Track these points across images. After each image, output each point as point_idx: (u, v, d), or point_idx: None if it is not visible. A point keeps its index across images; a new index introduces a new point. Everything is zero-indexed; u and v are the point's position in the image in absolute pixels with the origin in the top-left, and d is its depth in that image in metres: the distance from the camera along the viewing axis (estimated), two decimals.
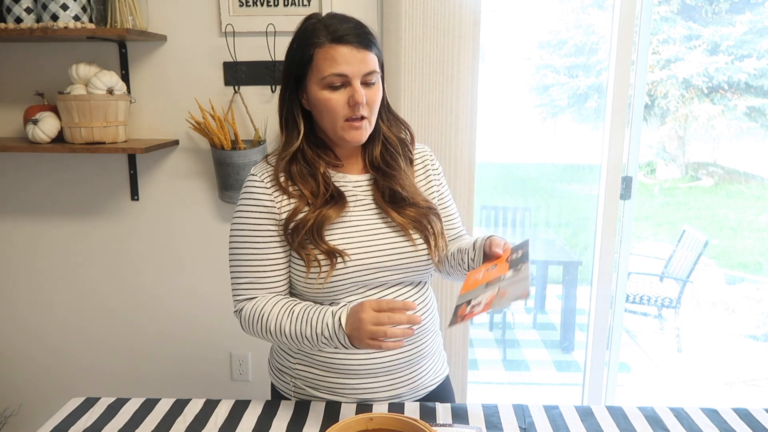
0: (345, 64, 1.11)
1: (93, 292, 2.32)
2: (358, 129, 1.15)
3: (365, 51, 1.12)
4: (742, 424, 1.18)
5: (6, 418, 2.41)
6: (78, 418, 1.19)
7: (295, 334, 1.12)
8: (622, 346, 2.52)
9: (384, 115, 1.24)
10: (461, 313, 1.06)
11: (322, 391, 1.25)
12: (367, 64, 1.12)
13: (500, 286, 1.03)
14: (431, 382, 1.31)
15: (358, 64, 1.11)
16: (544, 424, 1.16)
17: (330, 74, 1.11)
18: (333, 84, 1.12)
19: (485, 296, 1.04)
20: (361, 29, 1.14)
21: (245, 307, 1.19)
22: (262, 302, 1.17)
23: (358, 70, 1.11)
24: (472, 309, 1.04)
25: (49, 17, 1.88)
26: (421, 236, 1.21)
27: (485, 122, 2.11)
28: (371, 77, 1.14)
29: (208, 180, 2.20)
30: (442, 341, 1.40)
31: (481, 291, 1.07)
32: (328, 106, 1.13)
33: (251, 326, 1.18)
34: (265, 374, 1.39)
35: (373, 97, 1.15)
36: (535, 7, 3.49)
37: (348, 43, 1.11)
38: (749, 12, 4.34)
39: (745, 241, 4.89)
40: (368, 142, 1.23)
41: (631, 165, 2.25)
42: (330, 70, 1.11)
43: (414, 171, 1.29)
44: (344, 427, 1.01)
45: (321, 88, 1.13)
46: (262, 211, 1.18)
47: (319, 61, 1.12)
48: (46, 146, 1.99)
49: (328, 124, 1.16)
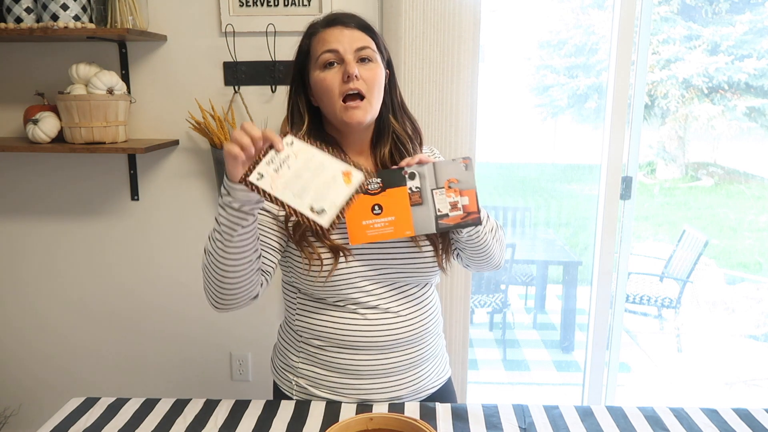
0: (336, 41, 1.14)
1: (93, 292, 2.32)
2: (356, 108, 1.14)
3: (357, 31, 1.15)
4: (742, 424, 1.18)
5: (6, 418, 2.41)
6: (78, 418, 1.19)
7: (209, 240, 1.09)
8: (622, 346, 2.52)
9: (398, 113, 1.24)
10: (460, 218, 1.06)
11: (324, 391, 1.25)
12: (360, 40, 1.15)
13: (433, 189, 1.05)
14: (433, 384, 1.31)
15: (349, 41, 1.14)
16: (544, 424, 1.16)
17: (322, 52, 1.14)
18: (326, 62, 1.14)
19: (444, 200, 1.05)
20: (355, 16, 1.18)
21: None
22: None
23: (350, 46, 1.13)
24: (461, 206, 1.05)
25: (49, 17, 1.88)
26: (427, 239, 1.20)
27: (485, 122, 2.11)
28: (364, 53, 1.14)
29: (208, 180, 2.20)
30: (445, 343, 1.39)
31: (426, 209, 1.05)
32: (323, 85, 1.14)
33: (204, 268, 1.12)
34: (265, 374, 1.39)
35: (371, 75, 1.14)
36: (535, 7, 3.49)
37: (339, 24, 1.16)
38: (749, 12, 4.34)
39: (745, 241, 4.88)
40: (378, 140, 1.23)
41: (631, 165, 2.25)
42: (322, 48, 1.14)
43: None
44: (344, 427, 1.01)
45: (318, 70, 1.15)
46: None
47: (314, 46, 1.17)
48: (46, 146, 1.99)
49: (329, 108, 1.16)
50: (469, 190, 1.05)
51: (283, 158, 1.01)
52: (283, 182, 1.00)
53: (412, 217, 1.05)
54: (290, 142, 1.02)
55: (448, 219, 1.06)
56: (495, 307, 3.55)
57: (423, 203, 1.05)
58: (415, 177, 1.05)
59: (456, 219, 1.06)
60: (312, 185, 1.01)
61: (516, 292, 4.10)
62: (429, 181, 1.05)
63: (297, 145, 1.02)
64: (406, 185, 1.05)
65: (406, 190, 1.05)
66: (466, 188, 1.05)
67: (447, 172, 1.05)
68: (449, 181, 1.05)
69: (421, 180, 1.05)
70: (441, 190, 1.05)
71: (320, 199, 1.00)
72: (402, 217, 1.05)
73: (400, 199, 1.05)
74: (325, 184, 1.01)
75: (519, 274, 3.85)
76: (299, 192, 1.00)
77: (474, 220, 1.06)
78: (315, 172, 1.01)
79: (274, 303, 2.26)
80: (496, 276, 3.57)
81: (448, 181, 1.05)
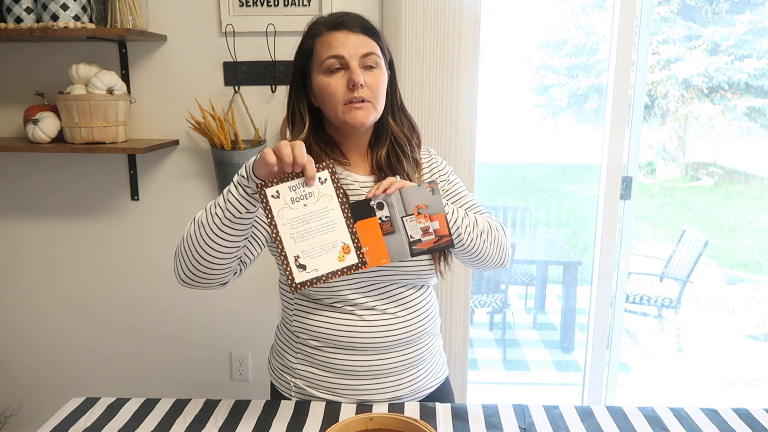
0: (341, 46, 1.12)
1: (93, 292, 2.32)
2: (359, 109, 1.13)
3: (362, 35, 1.14)
4: (742, 424, 1.18)
5: (6, 418, 2.41)
6: (78, 418, 1.19)
7: (205, 211, 1.07)
8: (622, 346, 2.52)
9: (397, 114, 1.23)
10: (433, 242, 1.06)
11: (322, 391, 1.25)
12: (365, 46, 1.13)
13: (402, 216, 1.05)
14: (431, 384, 1.31)
15: (354, 46, 1.12)
16: (544, 424, 1.16)
17: (327, 57, 1.13)
18: (331, 67, 1.13)
19: (414, 227, 1.05)
20: (361, 19, 1.16)
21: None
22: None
23: (355, 52, 1.12)
24: (432, 231, 1.05)
25: (49, 17, 1.88)
26: None
27: (485, 122, 2.11)
28: (370, 59, 1.14)
29: (208, 180, 2.20)
30: (442, 343, 1.39)
31: (399, 237, 1.06)
32: (327, 90, 1.13)
33: (177, 252, 1.12)
34: (265, 374, 1.39)
35: (375, 81, 1.14)
36: (535, 7, 3.49)
37: (344, 28, 1.14)
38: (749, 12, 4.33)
39: (745, 241, 4.88)
40: (375, 141, 1.23)
41: (631, 165, 2.25)
42: (327, 53, 1.13)
43: (422, 175, 1.27)
44: (344, 427, 1.01)
45: (321, 74, 1.14)
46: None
47: (318, 49, 1.15)
48: (46, 146, 1.99)
49: (331, 111, 1.16)
50: (438, 215, 1.06)
51: (306, 193, 1.01)
52: (291, 217, 1.00)
53: (386, 246, 1.06)
54: (323, 180, 1.02)
55: (422, 244, 1.06)
56: (495, 307, 3.55)
57: (395, 231, 1.06)
58: (383, 207, 1.05)
59: (429, 243, 1.06)
60: (312, 239, 1.01)
61: (516, 292, 4.10)
62: (398, 208, 1.05)
63: (326, 188, 1.02)
64: (376, 215, 1.05)
65: (376, 220, 1.05)
66: (435, 212, 1.06)
67: (414, 198, 1.05)
68: (418, 207, 1.05)
69: (389, 209, 1.05)
70: (411, 216, 1.06)
71: (309, 256, 1.01)
72: (376, 247, 1.06)
73: (372, 230, 1.05)
74: (323, 247, 1.02)
75: (519, 274, 3.85)
76: (297, 236, 1.01)
77: (447, 243, 1.07)
78: (322, 228, 1.02)
79: (274, 303, 2.26)
80: (496, 276, 3.57)
81: (417, 207, 1.05)
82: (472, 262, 1.24)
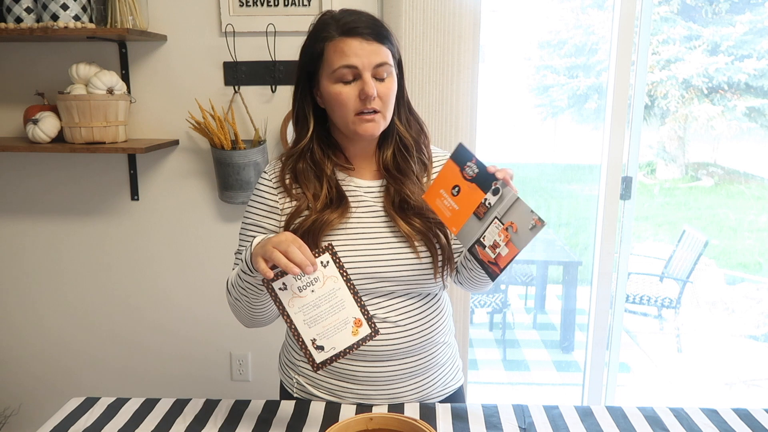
0: (354, 56, 1.08)
1: (93, 292, 2.32)
2: (370, 121, 1.12)
3: (376, 43, 1.10)
4: (742, 424, 1.18)
5: (6, 418, 2.41)
6: (78, 418, 1.19)
7: (233, 278, 1.13)
8: (622, 346, 2.52)
9: (402, 114, 1.21)
10: (487, 259, 1.04)
11: (323, 392, 1.25)
12: (378, 55, 1.10)
13: (498, 216, 1.03)
14: (440, 392, 1.28)
15: (368, 55, 1.09)
16: (544, 424, 1.16)
17: (339, 67, 1.09)
18: (343, 77, 1.10)
19: (493, 234, 1.03)
20: (373, 22, 1.12)
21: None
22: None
23: (369, 62, 1.09)
24: (497, 253, 1.03)
25: (49, 17, 1.88)
26: (427, 249, 1.18)
27: (485, 122, 2.11)
28: (383, 70, 1.11)
29: (208, 180, 2.20)
30: (457, 350, 1.36)
31: (479, 226, 1.05)
32: (338, 100, 1.11)
33: (228, 299, 1.18)
34: (265, 374, 1.40)
35: (386, 92, 1.12)
36: (535, 7, 3.49)
37: (358, 36, 1.09)
38: (749, 12, 4.34)
39: (745, 241, 4.89)
40: (381, 142, 1.21)
41: (631, 165, 2.25)
42: (340, 62, 1.09)
43: (431, 177, 1.25)
44: (344, 427, 1.01)
45: (332, 82, 1.11)
46: (267, 210, 1.19)
47: (330, 55, 1.11)
48: (46, 146, 1.99)
49: (340, 119, 1.14)
50: (515, 247, 1.00)
51: (312, 279, 1.03)
52: (301, 305, 1.03)
53: (465, 221, 1.06)
54: (325, 263, 1.03)
55: (482, 250, 1.05)
56: (495, 307, 3.55)
57: (481, 220, 1.04)
58: (497, 194, 1.03)
59: (486, 256, 1.04)
60: (324, 321, 1.04)
61: (516, 292, 4.10)
62: (501, 207, 1.02)
63: (329, 270, 1.03)
64: (486, 194, 1.04)
65: (482, 198, 1.04)
66: (516, 243, 1.00)
67: (517, 216, 1.00)
68: (511, 223, 1.01)
69: (497, 200, 1.03)
70: (500, 224, 1.02)
71: (325, 337, 1.04)
72: (461, 215, 1.07)
73: (473, 201, 1.06)
74: (335, 326, 1.04)
75: (519, 274, 3.85)
76: (310, 321, 1.03)
77: (492, 272, 1.04)
78: (332, 309, 1.04)
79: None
80: None
81: (511, 222, 1.01)
82: (469, 285, 1.27)
